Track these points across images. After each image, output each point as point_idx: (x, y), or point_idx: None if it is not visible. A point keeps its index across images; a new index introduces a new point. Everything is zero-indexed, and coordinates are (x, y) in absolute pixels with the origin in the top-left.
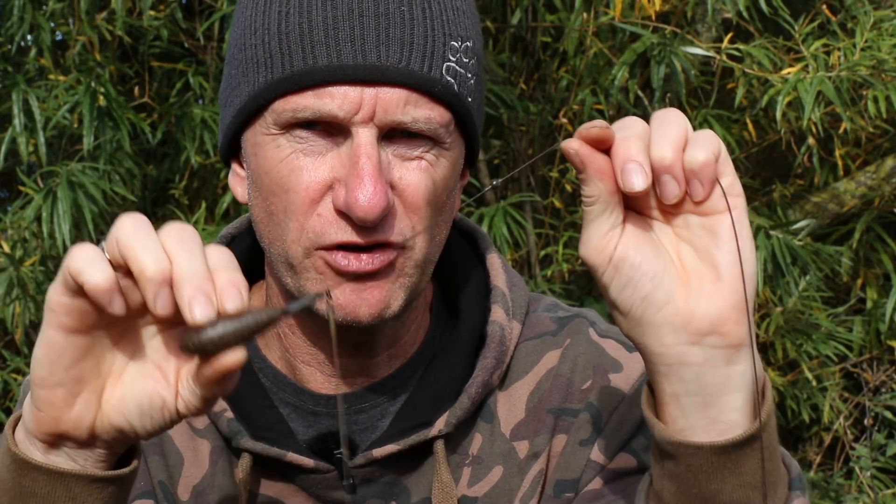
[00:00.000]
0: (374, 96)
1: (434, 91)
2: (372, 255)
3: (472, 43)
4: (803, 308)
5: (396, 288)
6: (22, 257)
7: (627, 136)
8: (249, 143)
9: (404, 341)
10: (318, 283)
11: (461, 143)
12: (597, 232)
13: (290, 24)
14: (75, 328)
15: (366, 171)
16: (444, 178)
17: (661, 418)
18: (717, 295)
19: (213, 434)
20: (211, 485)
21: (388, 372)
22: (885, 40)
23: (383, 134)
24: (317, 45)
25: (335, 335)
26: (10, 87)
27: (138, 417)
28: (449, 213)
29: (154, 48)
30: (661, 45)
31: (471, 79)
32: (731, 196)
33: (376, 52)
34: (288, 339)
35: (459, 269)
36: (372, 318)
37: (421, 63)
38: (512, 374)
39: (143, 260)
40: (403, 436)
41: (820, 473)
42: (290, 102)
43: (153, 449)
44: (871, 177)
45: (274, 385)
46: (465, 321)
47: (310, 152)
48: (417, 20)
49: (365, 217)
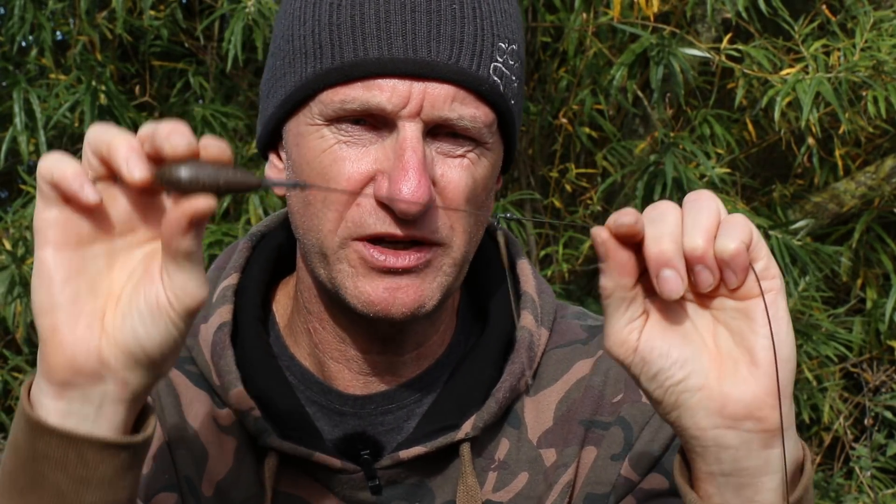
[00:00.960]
0: (423, 91)
1: (481, 90)
2: (408, 253)
3: (517, 46)
4: (803, 308)
5: (434, 287)
6: (24, 255)
7: (661, 236)
8: (292, 133)
9: (433, 341)
10: (350, 276)
11: (501, 146)
12: (616, 325)
13: (342, 15)
14: (61, 241)
15: (411, 163)
16: (485, 177)
17: (695, 489)
18: (752, 379)
19: (240, 431)
20: (236, 482)
21: (415, 372)
22: (884, 41)
23: (428, 130)
24: (368, 38)
25: None
26: (12, 85)
27: (141, 325)
28: (485, 213)
29: (154, 47)
30: (659, 46)
31: (514, 81)
32: (766, 279)
33: (427, 48)
34: (318, 334)
35: (491, 273)
36: (405, 315)
37: (470, 61)
38: (540, 380)
39: (113, 139)
40: (430, 438)
41: (820, 473)
42: (339, 94)
43: (180, 444)
44: (871, 177)
45: (301, 384)
46: (495, 326)
47: (353, 143)
48: (468, 18)
49: (408, 209)
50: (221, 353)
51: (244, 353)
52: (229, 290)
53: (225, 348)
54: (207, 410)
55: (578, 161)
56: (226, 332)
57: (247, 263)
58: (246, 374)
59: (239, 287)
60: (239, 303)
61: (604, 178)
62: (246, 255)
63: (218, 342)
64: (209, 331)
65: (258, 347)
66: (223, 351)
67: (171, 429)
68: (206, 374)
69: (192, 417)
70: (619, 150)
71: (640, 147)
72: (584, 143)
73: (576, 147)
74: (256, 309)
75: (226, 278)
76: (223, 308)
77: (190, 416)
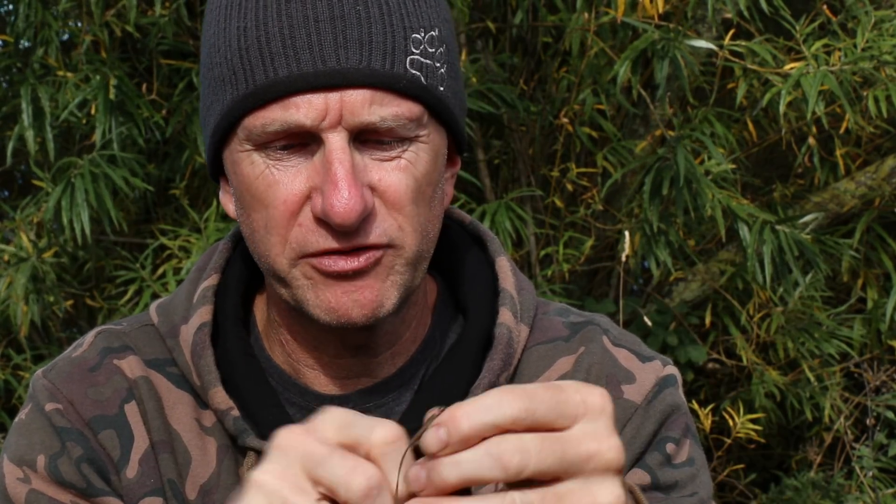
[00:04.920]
0: (339, 100)
1: (399, 87)
2: (357, 255)
3: (437, 31)
4: (804, 308)
5: (388, 286)
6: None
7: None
8: (228, 161)
9: (405, 338)
10: (309, 288)
11: (441, 133)
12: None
13: (249, 38)
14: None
15: (339, 175)
16: (427, 172)
17: None
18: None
19: (220, 432)
20: (217, 484)
21: (390, 371)
22: (885, 40)
23: (354, 136)
24: (276, 57)
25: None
26: (19, 83)
27: None
28: (439, 206)
29: (161, 45)
30: (664, 40)
31: (440, 68)
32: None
33: (335, 56)
34: (289, 344)
35: (467, 270)
36: (366, 318)
37: (382, 61)
38: (521, 377)
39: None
40: (410, 436)
41: (821, 473)
42: (259, 118)
43: (164, 447)
44: (872, 177)
45: (280, 385)
46: (473, 322)
47: (284, 165)
48: (374, 18)
49: (343, 223)
50: (201, 354)
51: (224, 354)
52: (209, 291)
53: (205, 348)
54: (190, 412)
55: (579, 161)
56: (206, 333)
57: (227, 264)
58: (226, 374)
59: (219, 287)
60: (219, 303)
61: (604, 177)
62: (226, 255)
63: (198, 342)
64: (189, 331)
65: (238, 348)
66: (203, 351)
67: (155, 433)
68: (186, 375)
69: (175, 420)
70: (619, 149)
71: (641, 146)
72: (584, 143)
73: (576, 147)
74: (236, 309)
75: (206, 279)
76: (203, 308)
77: (173, 419)
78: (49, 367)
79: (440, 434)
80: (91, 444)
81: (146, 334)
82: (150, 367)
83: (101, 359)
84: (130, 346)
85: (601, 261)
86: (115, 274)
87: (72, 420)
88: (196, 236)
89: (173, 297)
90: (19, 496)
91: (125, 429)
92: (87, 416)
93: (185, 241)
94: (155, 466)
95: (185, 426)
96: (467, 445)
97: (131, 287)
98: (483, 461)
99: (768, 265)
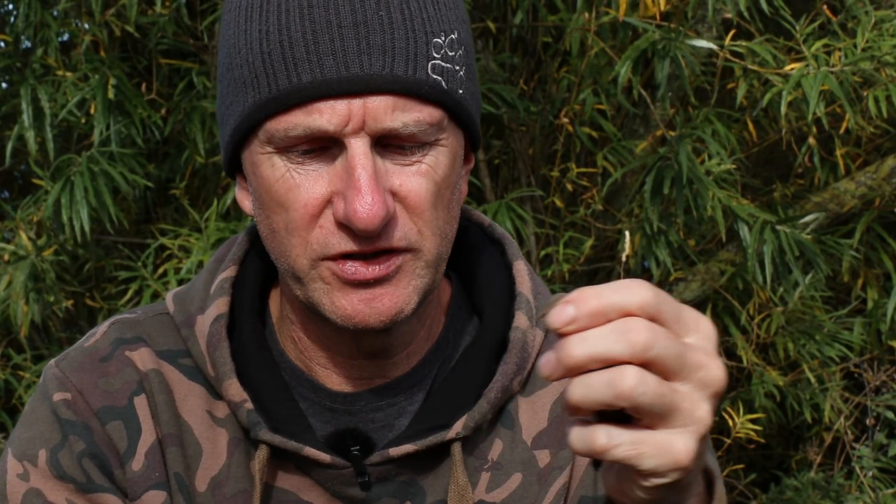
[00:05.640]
0: (362, 106)
1: (421, 93)
2: (378, 262)
3: (457, 34)
4: (804, 308)
5: (410, 291)
6: (43, 246)
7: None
8: (248, 161)
9: (420, 337)
10: (326, 292)
11: (458, 134)
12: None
13: (272, 42)
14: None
15: (362, 181)
16: (446, 176)
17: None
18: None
19: (233, 424)
20: (227, 476)
21: (404, 370)
22: (885, 40)
23: (376, 142)
24: (299, 63)
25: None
26: (19, 83)
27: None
28: (456, 207)
29: (160, 45)
30: (665, 39)
31: (459, 70)
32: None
33: (358, 63)
34: (302, 342)
35: (484, 272)
36: (384, 324)
37: (405, 67)
38: (535, 381)
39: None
40: (421, 436)
41: (821, 473)
42: (281, 122)
43: (172, 440)
44: (872, 177)
45: (293, 380)
46: (488, 325)
47: (306, 169)
48: (397, 23)
49: (366, 228)
50: (217, 345)
51: (239, 346)
52: (227, 283)
53: (221, 340)
54: (201, 404)
55: (579, 161)
56: (222, 324)
57: (245, 256)
58: (240, 366)
59: (237, 279)
60: (236, 295)
61: (604, 177)
62: (245, 247)
63: (214, 333)
64: (206, 322)
65: (253, 341)
66: (219, 342)
67: (164, 427)
68: (201, 366)
69: (186, 412)
70: (619, 149)
71: (641, 146)
72: (584, 143)
73: (576, 147)
74: (253, 301)
75: (224, 270)
76: (220, 300)
77: (184, 410)
78: (62, 356)
79: (568, 310)
80: (95, 438)
81: (160, 323)
82: (161, 359)
83: (113, 350)
84: (143, 337)
85: (601, 261)
86: (115, 274)
87: (78, 411)
88: (196, 236)
89: (190, 286)
90: (16, 495)
91: (133, 421)
92: (95, 406)
93: (185, 240)
94: (161, 460)
95: (196, 418)
96: (595, 324)
97: (132, 286)
98: (610, 336)
99: (768, 265)
